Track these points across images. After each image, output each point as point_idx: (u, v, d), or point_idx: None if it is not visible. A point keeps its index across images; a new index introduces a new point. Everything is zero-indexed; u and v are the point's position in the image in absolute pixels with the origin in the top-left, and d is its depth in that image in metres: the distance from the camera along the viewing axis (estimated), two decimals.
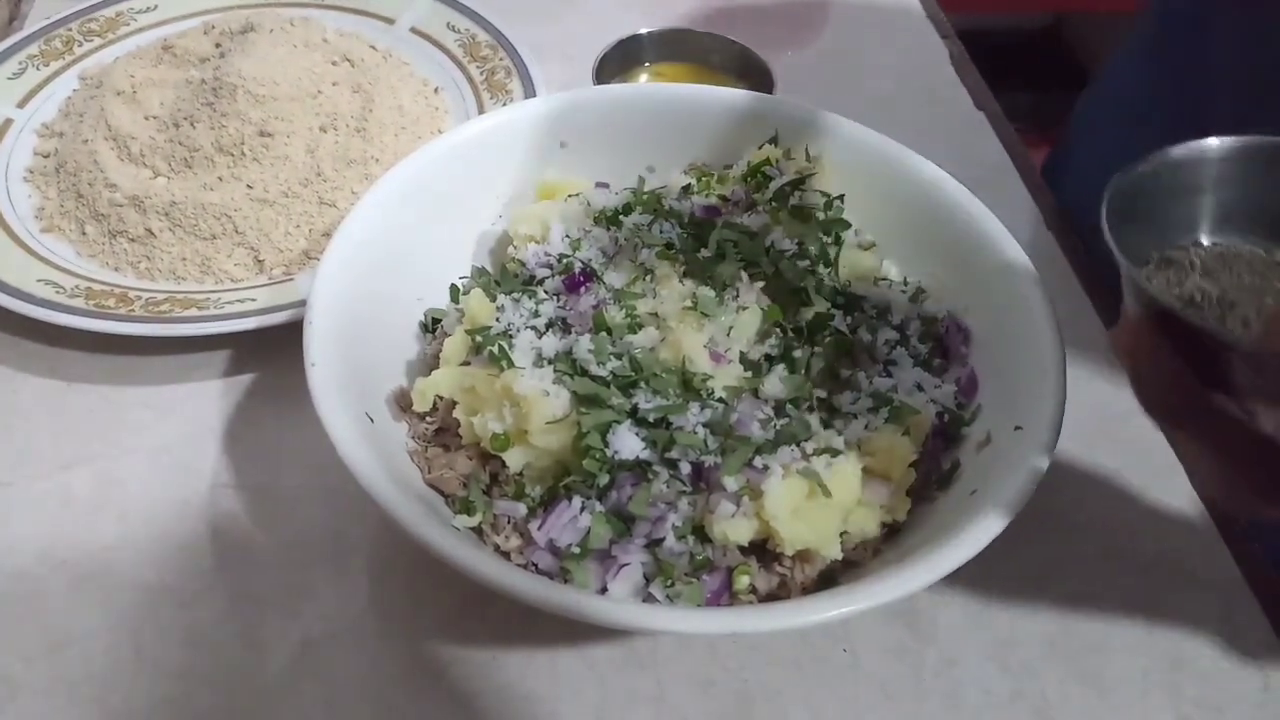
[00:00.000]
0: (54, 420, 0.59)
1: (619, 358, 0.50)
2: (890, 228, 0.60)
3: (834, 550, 0.47)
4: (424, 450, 0.52)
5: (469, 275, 0.60)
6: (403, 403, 0.53)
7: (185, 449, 0.58)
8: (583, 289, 0.54)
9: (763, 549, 0.47)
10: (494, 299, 0.55)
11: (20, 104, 0.75)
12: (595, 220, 0.59)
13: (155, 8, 0.83)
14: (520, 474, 0.50)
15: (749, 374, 0.52)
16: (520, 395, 0.48)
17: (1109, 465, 0.60)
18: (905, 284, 0.59)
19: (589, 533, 0.47)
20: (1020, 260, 0.54)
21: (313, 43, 0.75)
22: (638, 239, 0.57)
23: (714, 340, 0.52)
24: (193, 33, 0.78)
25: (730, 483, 0.46)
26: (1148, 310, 0.38)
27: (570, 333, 0.53)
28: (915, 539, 0.48)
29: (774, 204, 0.58)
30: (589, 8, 0.92)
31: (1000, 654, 0.51)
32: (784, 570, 0.47)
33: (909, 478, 0.50)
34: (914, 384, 0.53)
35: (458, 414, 0.51)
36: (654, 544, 0.47)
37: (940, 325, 0.57)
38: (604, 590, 0.46)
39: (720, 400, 0.50)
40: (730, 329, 0.52)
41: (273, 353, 0.62)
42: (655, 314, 0.53)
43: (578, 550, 0.47)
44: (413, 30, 0.83)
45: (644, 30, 0.79)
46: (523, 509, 0.49)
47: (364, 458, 0.44)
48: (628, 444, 0.47)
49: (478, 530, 0.49)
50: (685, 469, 0.47)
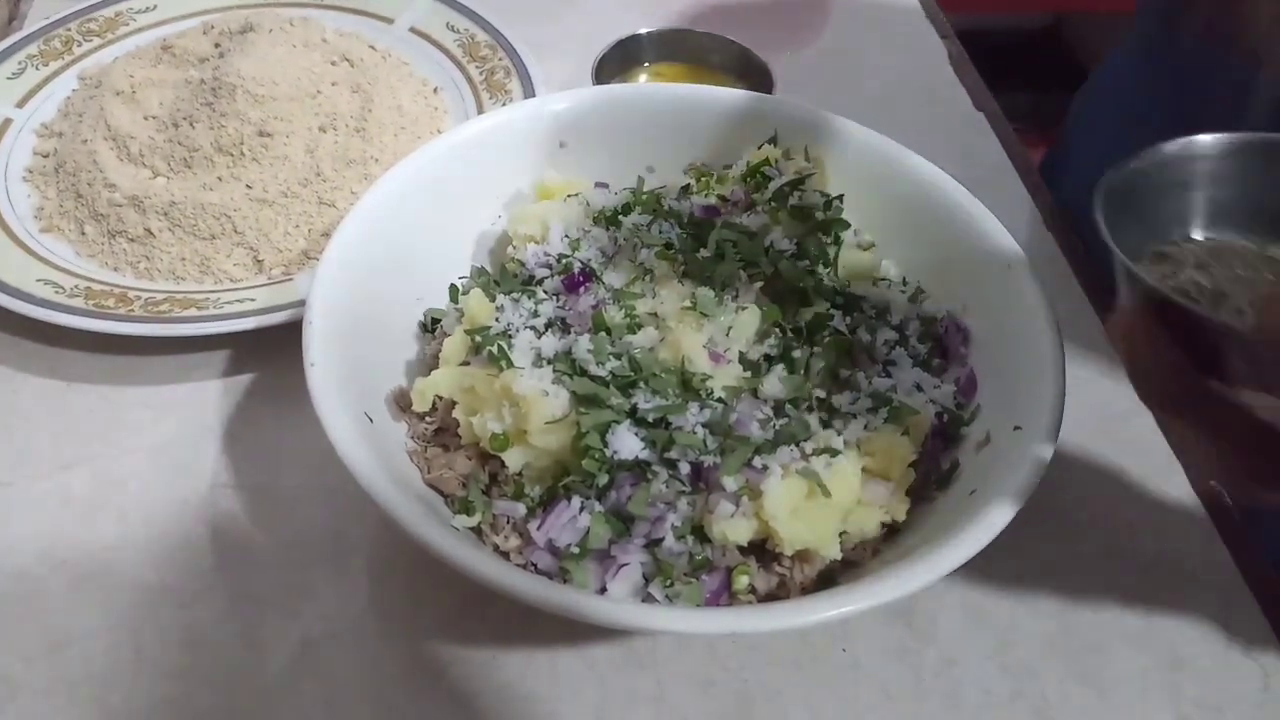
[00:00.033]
0: (54, 420, 0.59)
1: (618, 358, 0.50)
2: (889, 228, 0.60)
3: (833, 550, 0.47)
4: (423, 450, 0.52)
5: (468, 275, 0.60)
6: (402, 403, 0.53)
7: (185, 449, 0.58)
8: (582, 289, 0.54)
9: (762, 549, 0.47)
10: (493, 299, 0.55)
11: (19, 104, 0.75)
12: (595, 220, 0.59)
13: (154, 8, 0.83)
14: (519, 474, 0.50)
15: (748, 374, 0.52)
16: (519, 395, 0.48)
17: (1109, 465, 0.60)
18: (904, 284, 0.59)
19: (588, 533, 0.47)
20: (1019, 260, 0.54)
21: (312, 43, 0.75)
22: (637, 239, 0.57)
23: (713, 340, 0.52)
24: (192, 33, 0.78)
25: (729, 483, 0.46)
26: (1144, 301, 0.39)
27: (569, 333, 0.53)
28: (915, 539, 0.48)
29: (773, 204, 0.58)
30: (588, 8, 0.92)
31: (1000, 654, 0.51)
32: (783, 570, 0.47)
33: (908, 478, 0.50)
34: (913, 384, 0.53)
35: (457, 414, 0.51)
36: (653, 544, 0.47)
37: (939, 325, 0.57)
38: (603, 590, 0.46)
39: (719, 400, 0.50)
40: (729, 329, 0.52)
41: (272, 353, 0.62)
42: (654, 314, 0.53)
43: (577, 550, 0.47)
44: (412, 30, 0.83)
45: (643, 30, 0.79)
46: (522, 509, 0.49)
47: (363, 458, 0.44)
48: (627, 444, 0.47)
49: (477, 530, 0.49)
50: (684, 469, 0.47)
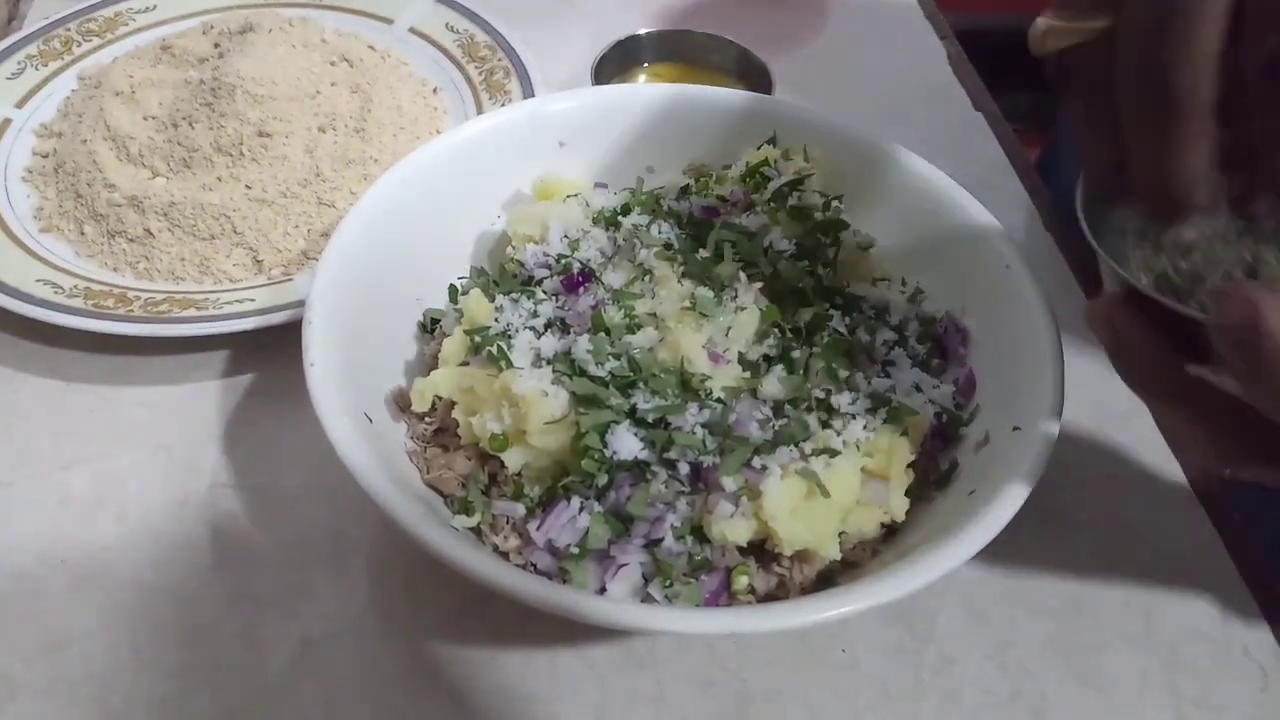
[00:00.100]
0: (53, 420, 0.59)
1: (618, 358, 0.50)
2: (888, 228, 0.60)
3: (832, 550, 0.47)
4: (423, 450, 0.52)
5: (468, 275, 0.61)
6: (401, 403, 0.53)
7: (184, 449, 0.58)
8: (581, 289, 0.54)
9: (761, 549, 0.47)
10: (493, 299, 0.55)
11: (19, 104, 0.75)
12: (594, 220, 0.59)
13: (154, 8, 0.83)
14: (519, 474, 0.50)
15: (747, 374, 0.52)
16: (519, 395, 0.48)
17: (1108, 465, 0.60)
18: (903, 284, 0.59)
19: (587, 533, 0.47)
20: (1018, 261, 0.54)
21: (311, 43, 0.75)
22: (636, 239, 0.57)
23: (712, 340, 0.52)
24: (191, 33, 0.78)
25: (729, 483, 0.46)
26: (1123, 290, 0.40)
27: (569, 333, 0.53)
28: (914, 539, 0.48)
29: (772, 204, 0.58)
30: (588, 8, 0.92)
31: (1000, 654, 0.51)
32: (783, 570, 0.47)
33: (907, 478, 0.50)
34: (912, 384, 0.53)
35: (456, 414, 0.51)
36: (652, 544, 0.47)
37: (938, 326, 0.57)
38: (603, 590, 0.46)
39: (719, 400, 0.50)
40: (729, 329, 0.52)
41: (271, 353, 0.62)
42: (654, 314, 0.53)
43: (576, 550, 0.47)
44: (411, 30, 0.83)
45: (643, 31, 0.79)
46: (521, 509, 0.49)
47: (363, 458, 0.45)
48: (626, 444, 0.47)
49: (476, 531, 0.49)
50: (684, 469, 0.47)
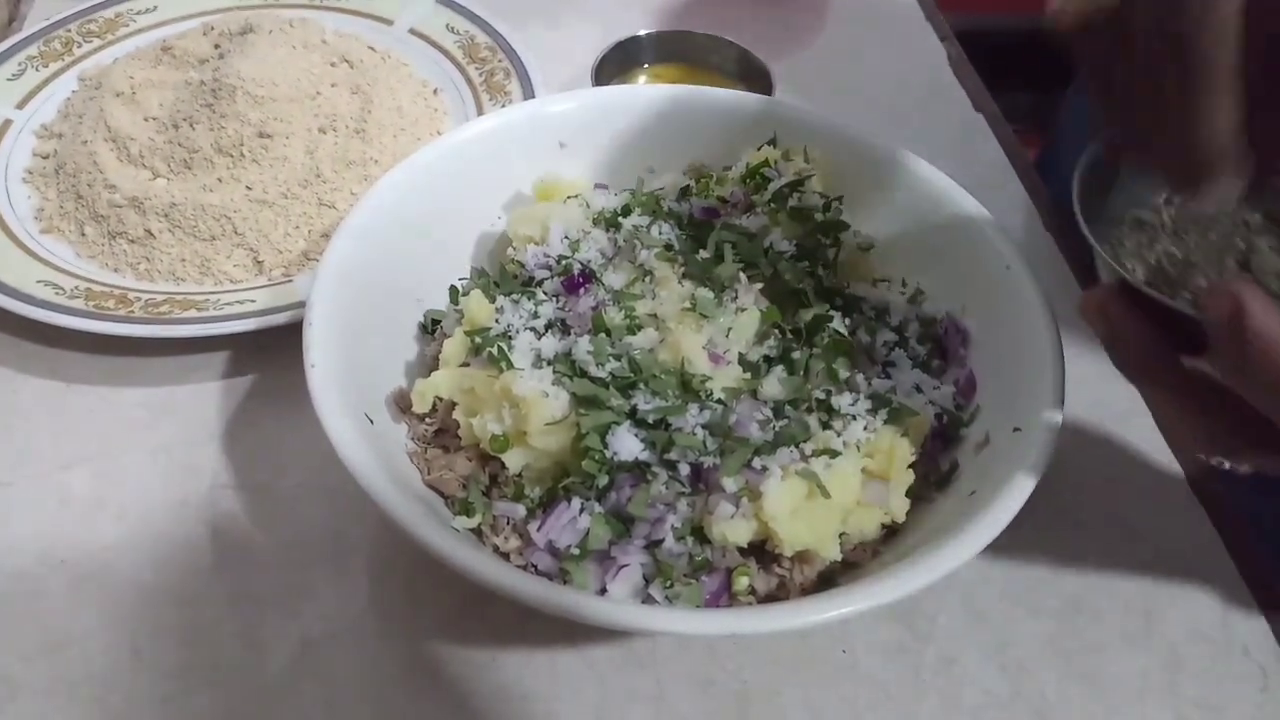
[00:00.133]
0: (53, 420, 0.59)
1: (618, 359, 0.50)
2: (888, 229, 0.60)
3: (833, 551, 0.47)
4: (423, 451, 0.52)
5: (468, 276, 0.61)
6: (402, 404, 0.53)
7: (184, 449, 0.58)
8: (582, 290, 0.54)
9: (762, 550, 0.47)
10: (493, 300, 0.55)
11: (19, 105, 0.75)
12: (594, 221, 0.59)
13: (154, 9, 0.83)
14: (519, 475, 0.50)
15: (748, 375, 0.52)
16: (519, 396, 0.48)
17: (1108, 465, 0.60)
18: (904, 285, 0.60)
19: (588, 534, 0.47)
20: (1018, 261, 0.54)
21: (312, 44, 0.75)
22: (637, 240, 0.57)
23: (713, 341, 0.52)
24: (192, 34, 0.78)
25: (729, 484, 0.46)
26: (1117, 283, 0.41)
27: (569, 334, 0.53)
28: (914, 540, 0.48)
29: (773, 205, 0.58)
30: (588, 9, 0.92)
31: (1000, 654, 0.51)
32: (783, 571, 0.47)
33: (908, 479, 0.50)
34: (913, 385, 0.53)
35: (457, 415, 0.51)
36: (653, 545, 0.47)
37: (939, 326, 0.57)
38: (603, 591, 0.46)
39: (719, 401, 0.50)
40: (729, 330, 0.52)
41: (272, 354, 0.62)
42: (654, 315, 0.53)
43: (577, 551, 0.47)
44: (412, 31, 0.83)
45: (643, 32, 0.79)
46: (522, 510, 0.49)
47: (363, 459, 0.45)
48: (627, 445, 0.47)
49: (477, 531, 0.49)
50: (684, 470, 0.47)
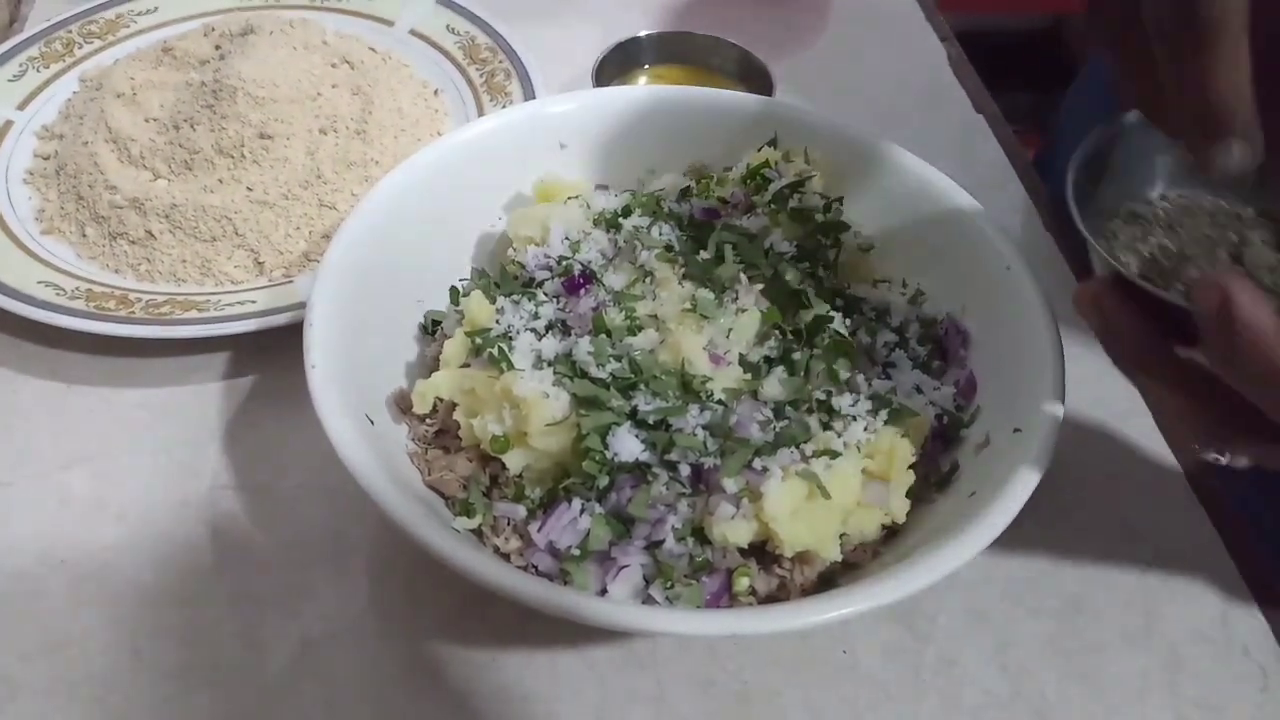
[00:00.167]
0: (54, 421, 0.59)
1: (619, 360, 0.50)
2: (889, 230, 0.60)
3: (833, 552, 0.47)
4: (424, 452, 0.52)
5: (469, 277, 0.61)
6: (403, 405, 0.53)
7: (185, 450, 0.58)
8: (582, 291, 0.55)
9: (762, 551, 0.47)
10: (494, 301, 0.55)
11: (20, 106, 0.75)
12: (595, 222, 0.59)
13: (155, 10, 0.83)
14: (520, 476, 0.50)
15: (748, 376, 0.52)
16: (520, 397, 0.48)
17: (1108, 465, 0.60)
18: (904, 286, 0.60)
19: (589, 534, 0.47)
20: (1018, 262, 0.54)
21: (312, 45, 0.75)
22: (637, 241, 0.57)
23: (713, 342, 0.52)
24: (193, 35, 0.78)
25: (730, 484, 0.46)
26: (1111, 275, 0.41)
27: (570, 335, 0.53)
28: (914, 540, 0.48)
29: (773, 206, 0.58)
30: (589, 9, 0.92)
31: (1000, 654, 0.51)
32: (783, 572, 0.47)
33: (908, 479, 0.50)
34: (913, 386, 0.53)
35: (458, 416, 0.51)
36: (654, 546, 0.47)
37: (939, 327, 0.57)
38: (604, 592, 0.46)
39: (720, 402, 0.50)
40: (729, 331, 0.52)
41: (272, 355, 0.62)
42: (655, 316, 0.53)
43: (577, 552, 0.47)
44: (412, 32, 0.83)
45: (643, 33, 0.79)
46: (522, 511, 0.49)
47: (364, 459, 0.45)
48: (627, 446, 0.47)
49: (478, 532, 0.49)
50: (685, 471, 0.47)
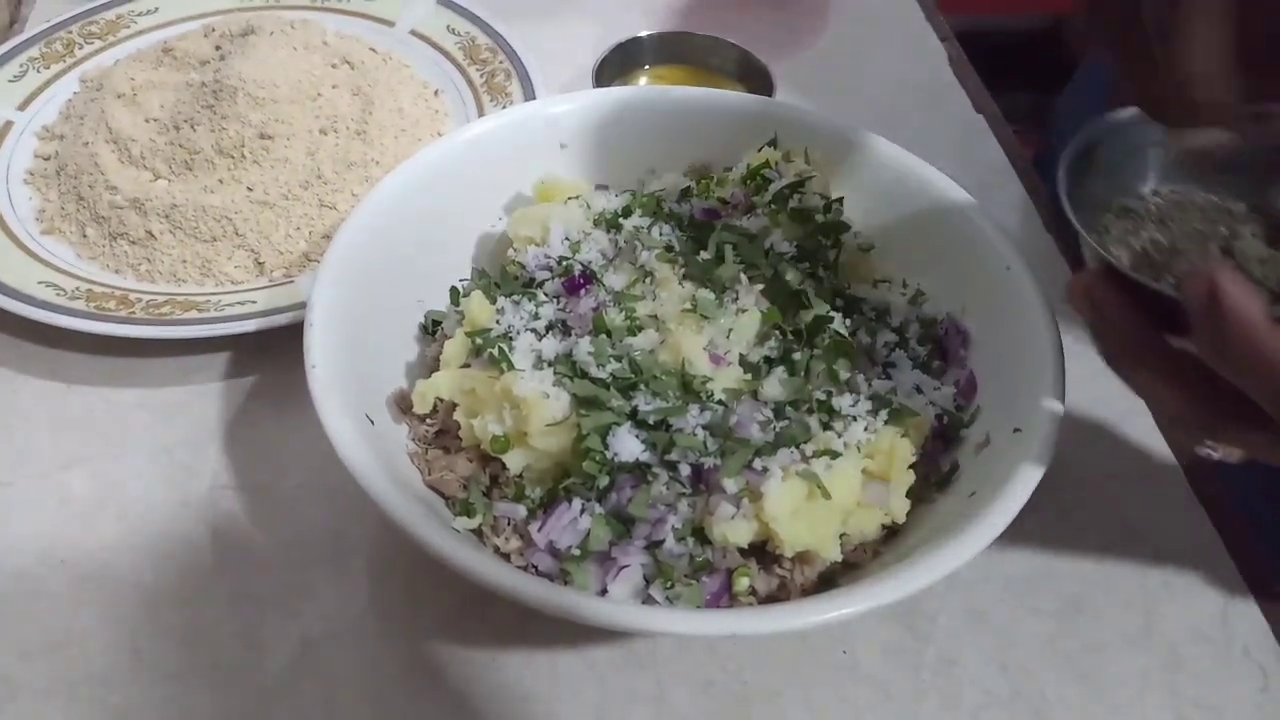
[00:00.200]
0: (54, 421, 0.59)
1: (619, 360, 0.50)
2: (889, 230, 0.60)
3: (833, 552, 0.47)
4: (424, 452, 0.52)
5: (469, 277, 0.61)
6: (403, 405, 0.53)
7: (185, 450, 0.58)
8: (582, 291, 0.55)
9: (762, 551, 0.47)
10: (494, 301, 0.55)
11: (21, 106, 0.75)
12: (595, 222, 0.59)
13: (156, 10, 0.83)
14: (520, 476, 0.50)
15: (748, 376, 0.52)
16: (520, 397, 0.48)
17: (1108, 465, 0.60)
18: (904, 286, 0.59)
19: (589, 534, 0.47)
20: (1019, 262, 0.54)
21: (313, 45, 0.75)
22: (637, 241, 0.57)
23: (713, 342, 0.52)
24: (193, 35, 0.78)
25: (730, 484, 0.46)
26: (1102, 267, 0.42)
27: (570, 335, 0.53)
28: (914, 540, 0.48)
29: (773, 206, 0.58)
30: (589, 9, 0.92)
31: (999, 654, 0.51)
32: (784, 572, 0.47)
33: (908, 479, 0.50)
34: (913, 386, 0.53)
35: (458, 416, 0.51)
36: (654, 546, 0.47)
37: (939, 327, 0.57)
38: (604, 592, 0.46)
39: (720, 402, 0.50)
40: (730, 331, 0.52)
41: (273, 355, 0.62)
42: (655, 316, 0.53)
43: (578, 552, 0.47)
44: (412, 33, 0.83)
45: (644, 33, 0.79)
46: (523, 511, 0.49)
47: (364, 459, 0.45)
48: (627, 446, 0.47)
49: (478, 532, 0.49)
50: (685, 471, 0.47)
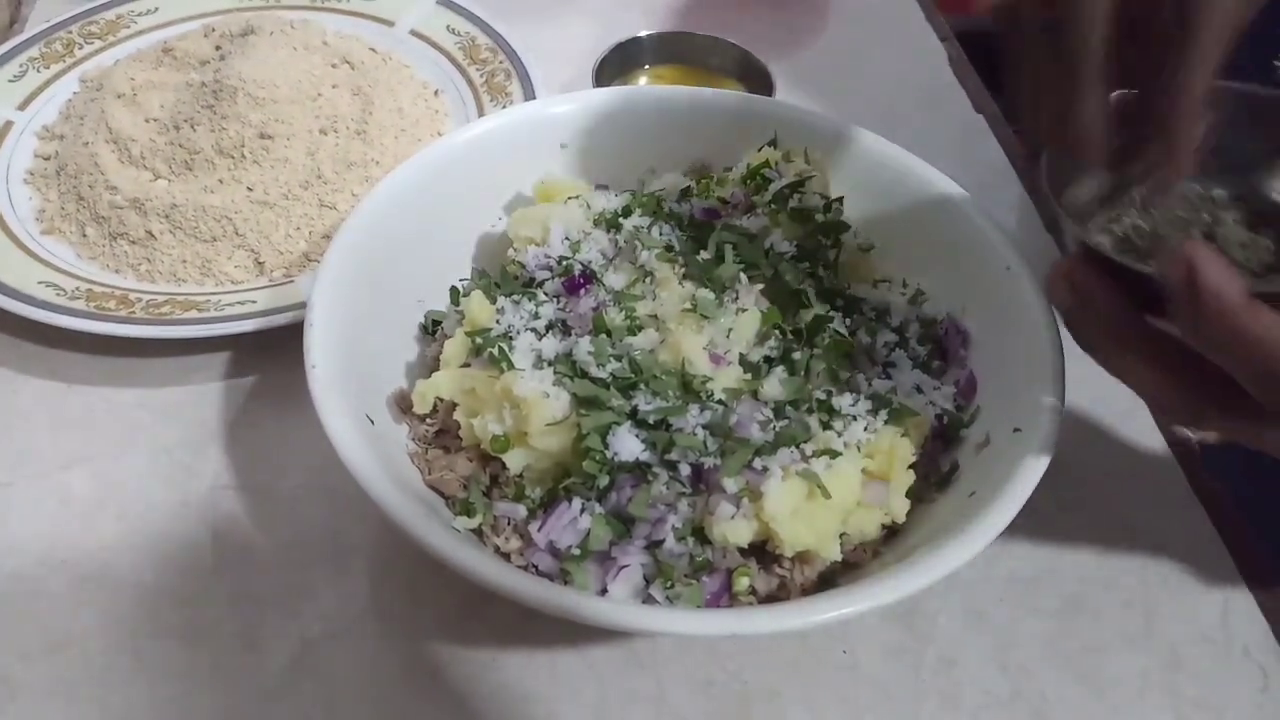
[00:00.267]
0: (54, 421, 0.59)
1: (619, 359, 0.50)
2: (889, 230, 0.60)
3: (833, 552, 0.47)
4: (424, 452, 0.52)
5: (469, 277, 0.61)
6: (403, 405, 0.53)
7: (185, 450, 0.58)
8: (583, 291, 0.55)
9: (762, 550, 0.47)
10: (494, 301, 0.55)
11: (21, 106, 0.75)
12: (595, 222, 0.59)
13: (156, 10, 0.83)
14: (520, 476, 0.50)
15: (748, 376, 0.52)
16: (520, 397, 0.48)
17: (1108, 465, 0.60)
18: (904, 286, 0.60)
19: (589, 534, 0.47)
20: (1019, 262, 0.54)
21: (313, 45, 0.75)
22: (637, 241, 0.57)
23: (713, 342, 0.52)
24: (193, 35, 0.78)
25: (730, 484, 0.46)
26: (1083, 250, 0.42)
27: (570, 335, 0.53)
28: (914, 540, 0.48)
29: (773, 206, 0.58)
30: (589, 9, 0.92)
31: (999, 654, 0.51)
32: (783, 572, 0.47)
33: (908, 479, 0.50)
34: (913, 386, 0.53)
35: (458, 416, 0.51)
36: (654, 545, 0.47)
37: (939, 327, 0.57)
38: (604, 592, 0.46)
39: (720, 402, 0.50)
40: (730, 331, 0.52)
41: (273, 355, 0.62)
42: (655, 316, 0.53)
43: (578, 552, 0.47)
44: (412, 33, 0.83)
45: (643, 33, 0.79)
46: (523, 510, 0.49)
47: (364, 459, 0.45)
48: (627, 446, 0.47)
49: (478, 532, 0.49)
50: (685, 470, 0.47)
